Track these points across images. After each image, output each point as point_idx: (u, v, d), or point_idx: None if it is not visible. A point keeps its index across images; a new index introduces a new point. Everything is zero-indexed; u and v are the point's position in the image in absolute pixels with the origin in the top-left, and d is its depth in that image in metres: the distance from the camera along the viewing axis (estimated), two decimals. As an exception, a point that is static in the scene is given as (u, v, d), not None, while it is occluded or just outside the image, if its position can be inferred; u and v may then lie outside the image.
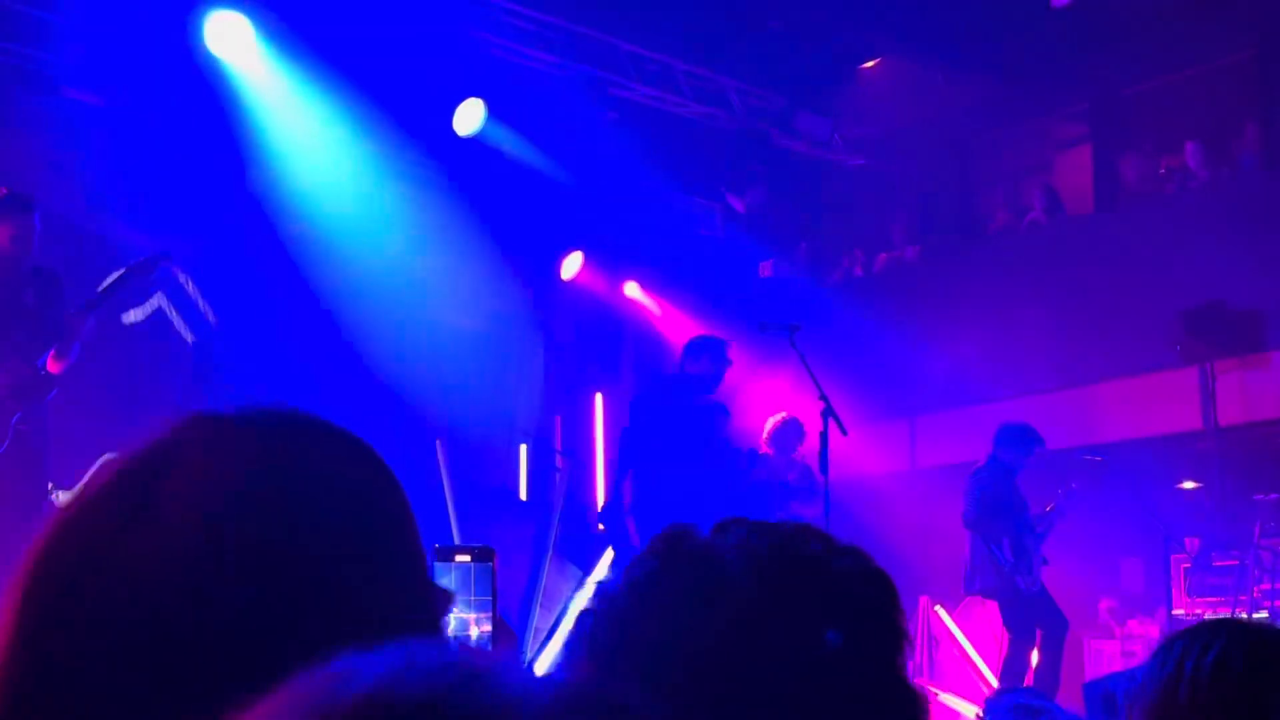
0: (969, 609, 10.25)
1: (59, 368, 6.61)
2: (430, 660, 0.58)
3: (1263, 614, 8.83)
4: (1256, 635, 1.85)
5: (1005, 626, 9.13)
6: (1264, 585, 9.11)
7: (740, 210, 12.58)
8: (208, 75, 8.88)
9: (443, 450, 9.69)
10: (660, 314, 11.94)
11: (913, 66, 12.59)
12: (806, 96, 12.22)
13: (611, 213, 11.35)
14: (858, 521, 9.29)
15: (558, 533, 10.12)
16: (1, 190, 6.72)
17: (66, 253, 7.93)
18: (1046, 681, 8.80)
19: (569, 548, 10.02)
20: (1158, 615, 10.11)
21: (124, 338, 8.47)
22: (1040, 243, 12.06)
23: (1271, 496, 9.42)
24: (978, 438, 9.54)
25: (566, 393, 11.30)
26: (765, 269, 12.82)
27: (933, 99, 12.56)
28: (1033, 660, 9.01)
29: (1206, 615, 9.15)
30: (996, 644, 9.62)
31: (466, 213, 10.19)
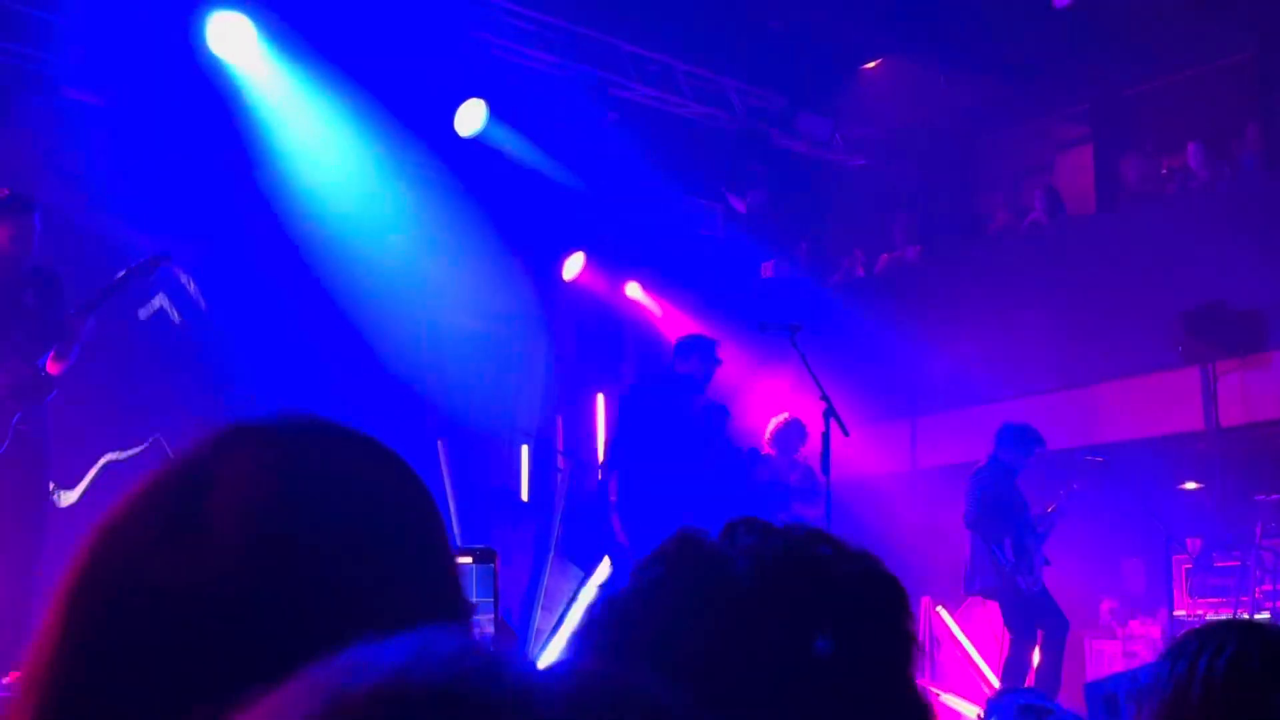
0: (970, 609, 10.24)
1: (58, 369, 6.61)
2: (446, 648, 0.58)
3: (1264, 615, 8.83)
4: (1272, 636, 1.85)
5: (1006, 626, 9.13)
6: (1265, 586, 9.10)
7: (741, 210, 12.57)
8: (209, 76, 8.88)
9: (444, 450, 9.68)
10: (661, 314, 11.94)
11: (914, 67, 12.59)
12: (807, 97, 12.22)
13: (613, 213, 11.35)
14: (859, 522, 9.28)
15: (559, 533, 10.11)
16: (3, 191, 6.72)
17: (67, 253, 7.93)
18: (1047, 681, 8.80)
19: (570, 548, 10.01)
20: (1159, 616, 10.10)
21: (124, 338, 8.47)
22: (1041, 243, 12.05)
23: (1273, 497, 9.41)
24: (979, 438, 9.54)
25: (568, 393, 11.29)
26: (766, 269, 12.81)
27: (934, 99, 12.56)
28: (1034, 660, 9.01)
29: (1208, 616, 9.15)
30: (998, 644, 9.62)
31: (468, 213, 10.19)
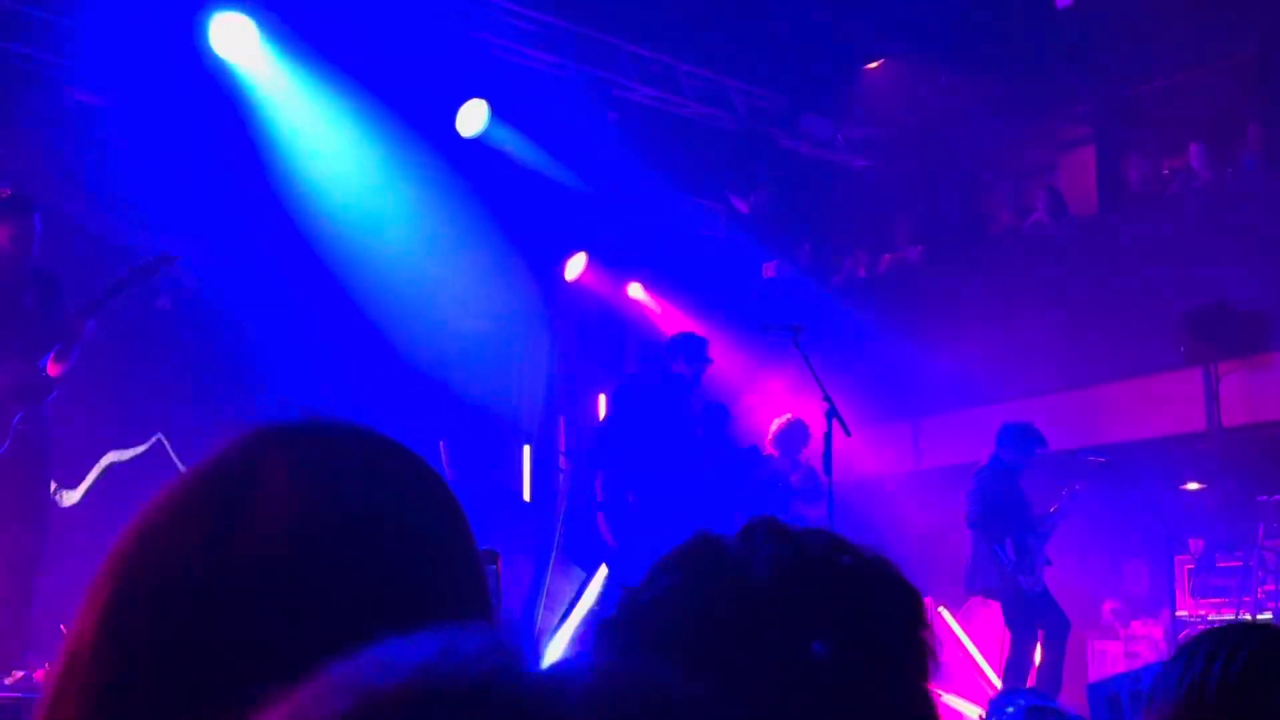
0: (972, 610, 10.24)
1: (59, 370, 6.61)
2: (472, 646, 0.58)
3: (1266, 615, 8.82)
4: None
5: (1007, 626, 9.13)
6: (1268, 586, 9.10)
7: (743, 211, 12.58)
8: (212, 77, 8.88)
9: (446, 451, 9.68)
10: (663, 315, 11.93)
11: (916, 68, 12.59)
12: (810, 97, 12.23)
13: (615, 214, 11.34)
14: (861, 523, 9.28)
15: (561, 534, 10.11)
16: (5, 192, 6.72)
17: (71, 254, 7.93)
18: (1049, 681, 8.80)
19: (573, 549, 10.01)
20: (1161, 616, 10.10)
21: (127, 337, 8.47)
22: (1043, 244, 12.04)
23: (1275, 498, 9.41)
24: (981, 439, 9.53)
25: (570, 394, 11.29)
26: (768, 270, 12.81)
27: (936, 100, 12.56)
28: (1035, 660, 9.01)
29: (1210, 617, 9.15)
30: (1000, 644, 9.62)
31: (470, 214, 10.19)
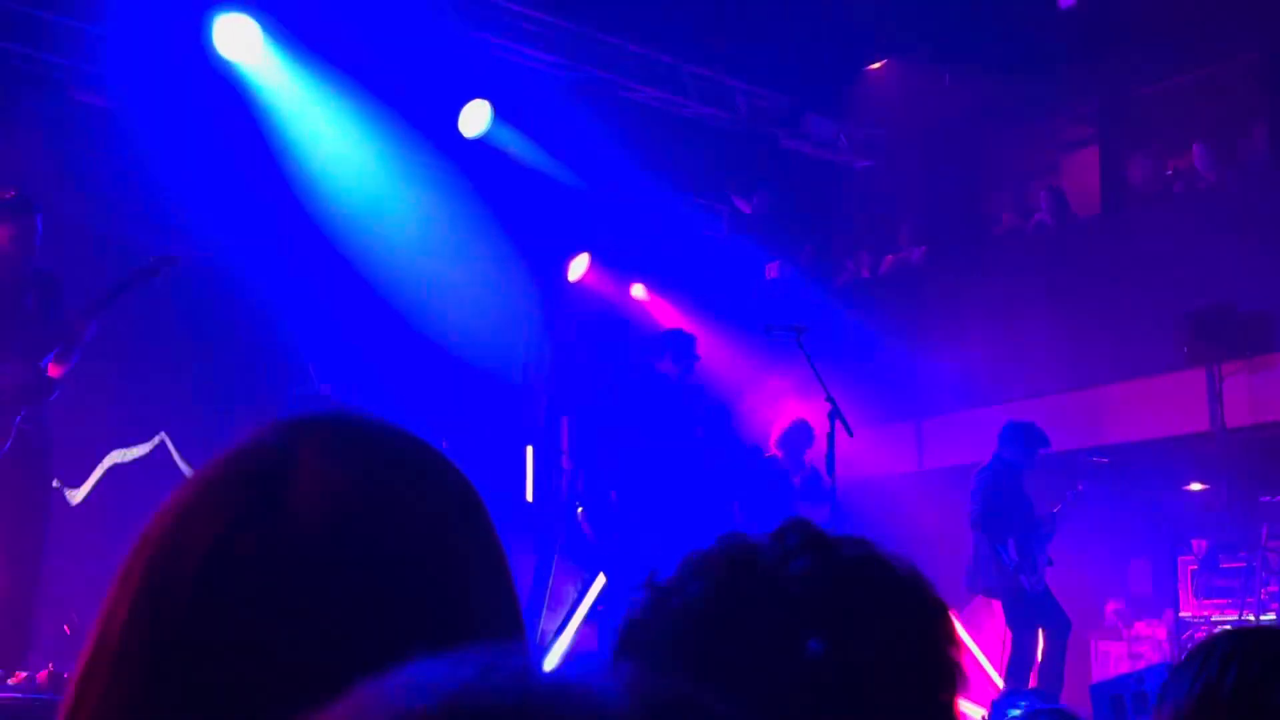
0: (975, 610, 10.23)
1: (60, 372, 6.62)
2: (511, 667, 0.57)
3: (1270, 616, 8.82)
4: None
5: (1009, 625, 9.13)
6: (1271, 587, 9.09)
7: (746, 212, 12.57)
8: (215, 77, 8.88)
9: (448, 451, 9.67)
10: (666, 316, 11.93)
11: (919, 68, 12.59)
12: (813, 98, 12.22)
13: (618, 215, 11.34)
14: (864, 523, 9.28)
15: (564, 534, 10.11)
16: (8, 193, 6.72)
17: (74, 255, 7.94)
18: (1050, 681, 8.80)
19: (575, 549, 10.01)
20: (1165, 617, 10.09)
21: (128, 337, 8.47)
22: (1047, 244, 12.04)
23: (1279, 498, 9.40)
24: (984, 439, 9.53)
25: (573, 394, 11.29)
26: (771, 271, 12.80)
27: (939, 100, 12.55)
28: (1037, 659, 9.01)
29: (1213, 617, 9.14)
30: (1003, 645, 9.61)
31: (472, 214, 10.19)
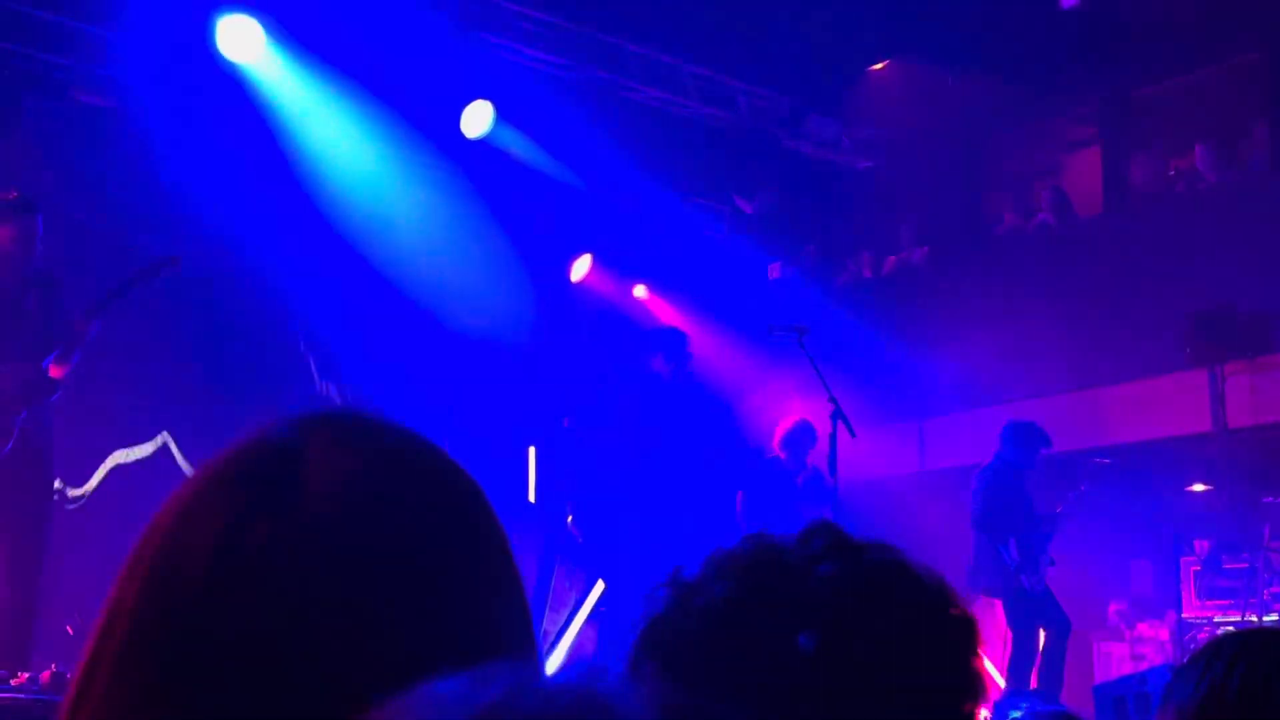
0: (976, 611, 10.23)
1: (61, 372, 6.62)
2: (540, 685, 0.57)
3: (1272, 617, 8.82)
4: None
5: (1009, 625, 9.14)
6: (1274, 588, 9.09)
7: (748, 212, 12.57)
8: (219, 78, 8.89)
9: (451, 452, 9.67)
10: (668, 316, 11.93)
11: (921, 68, 12.58)
12: (815, 98, 12.22)
13: (620, 215, 11.34)
14: (866, 524, 9.27)
15: (566, 536, 10.11)
16: (11, 193, 6.72)
17: (76, 256, 7.94)
18: (1050, 682, 8.80)
19: (578, 551, 10.01)
20: (1167, 618, 10.09)
21: (131, 336, 8.47)
22: (1049, 245, 12.03)
23: (1281, 499, 9.40)
24: (986, 440, 9.53)
25: (575, 395, 11.29)
26: (773, 271, 12.81)
27: (941, 101, 12.55)
28: (1037, 660, 9.01)
29: (1216, 618, 9.14)
30: (1004, 645, 9.62)
31: (475, 215, 10.19)
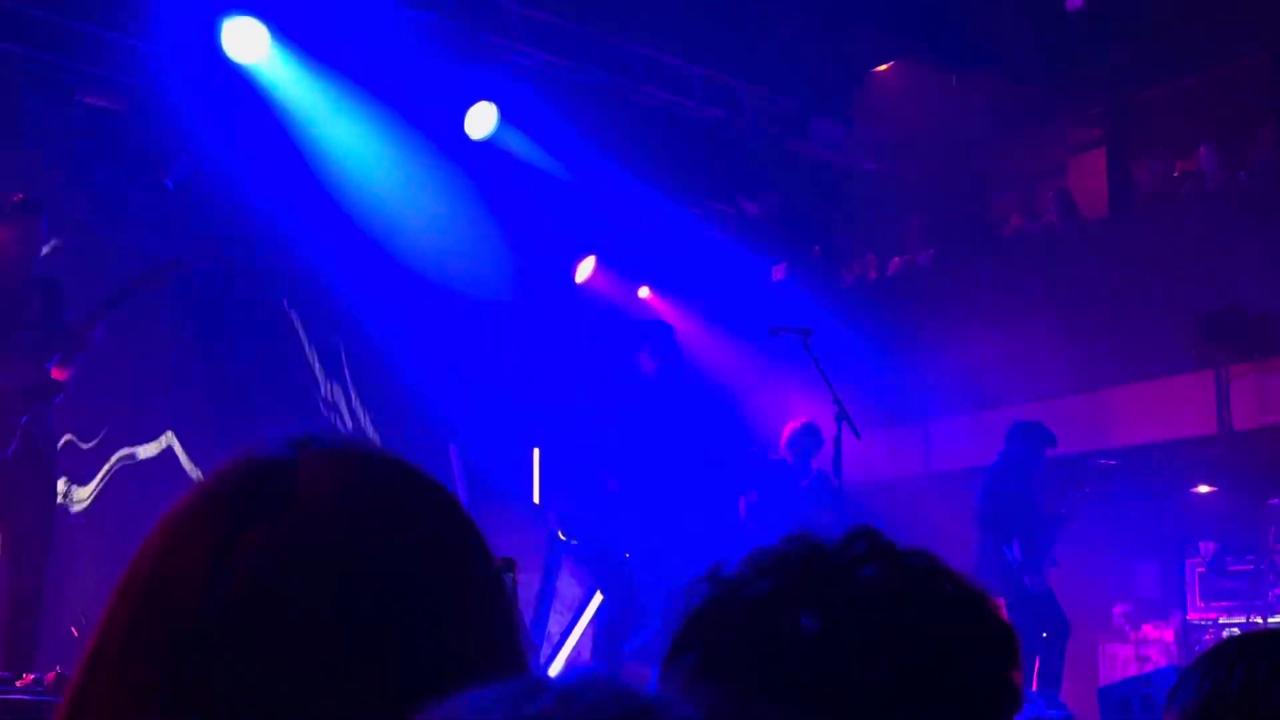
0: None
1: (64, 374, 6.64)
2: (592, 697, 0.57)
3: (1277, 618, 8.81)
4: None
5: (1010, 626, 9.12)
6: (1278, 590, 9.08)
7: (753, 214, 12.57)
8: (224, 80, 8.89)
9: (456, 454, 9.69)
10: (673, 318, 11.92)
11: (926, 70, 12.58)
12: (820, 100, 12.21)
13: (625, 217, 11.34)
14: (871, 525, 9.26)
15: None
16: (16, 195, 6.74)
17: (80, 258, 7.96)
18: (1049, 683, 8.79)
19: (580, 553, 10.01)
20: (1172, 620, 10.08)
21: (135, 337, 8.49)
22: (1054, 246, 12.02)
23: (1286, 501, 9.39)
24: (992, 442, 9.52)
25: (579, 396, 11.29)
26: (778, 273, 12.80)
27: (946, 102, 12.55)
28: (1036, 662, 9.01)
29: (1221, 620, 9.13)
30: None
31: (479, 216, 10.20)
